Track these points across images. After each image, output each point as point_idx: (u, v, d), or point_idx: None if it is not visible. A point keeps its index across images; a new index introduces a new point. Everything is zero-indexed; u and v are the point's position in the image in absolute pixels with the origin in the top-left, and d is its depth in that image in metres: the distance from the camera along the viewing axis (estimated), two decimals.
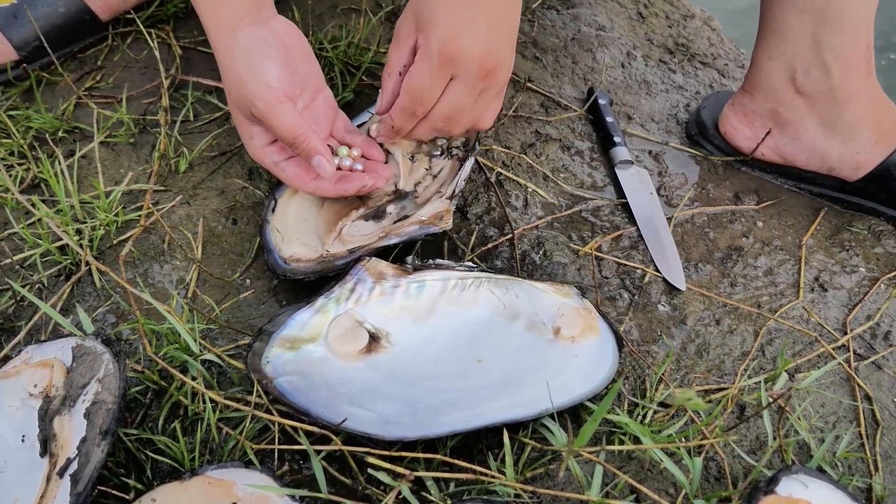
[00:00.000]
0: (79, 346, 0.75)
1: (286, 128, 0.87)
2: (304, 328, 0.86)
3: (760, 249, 1.09)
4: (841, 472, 0.86)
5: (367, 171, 0.95)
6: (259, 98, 0.86)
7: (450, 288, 0.91)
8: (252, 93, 0.87)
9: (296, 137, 0.87)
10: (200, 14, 0.90)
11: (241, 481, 0.69)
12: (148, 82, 1.18)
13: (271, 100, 0.86)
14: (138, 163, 1.07)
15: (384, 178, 0.94)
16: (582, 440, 0.71)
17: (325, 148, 0.90)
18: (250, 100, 0.87)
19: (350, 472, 0.79)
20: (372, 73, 1.23)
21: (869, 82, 1.07)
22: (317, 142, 0.89)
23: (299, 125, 0.87)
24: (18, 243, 0.97)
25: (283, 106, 0.87)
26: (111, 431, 0.68)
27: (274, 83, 0.88)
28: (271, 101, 0.86)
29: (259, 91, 0.87)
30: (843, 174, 1.13)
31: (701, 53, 1.45)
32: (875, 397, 0.94)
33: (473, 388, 0.83)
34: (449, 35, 0.81)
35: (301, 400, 0.78)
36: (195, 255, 0.97)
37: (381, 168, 0.96)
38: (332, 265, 0.90)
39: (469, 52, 0.82)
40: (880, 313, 1.03)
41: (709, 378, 0.93)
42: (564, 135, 1.21)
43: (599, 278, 1.01)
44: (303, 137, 0.88)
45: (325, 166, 0.89)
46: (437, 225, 0.92)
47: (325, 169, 0.89)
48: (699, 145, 1.24)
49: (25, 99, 1.15)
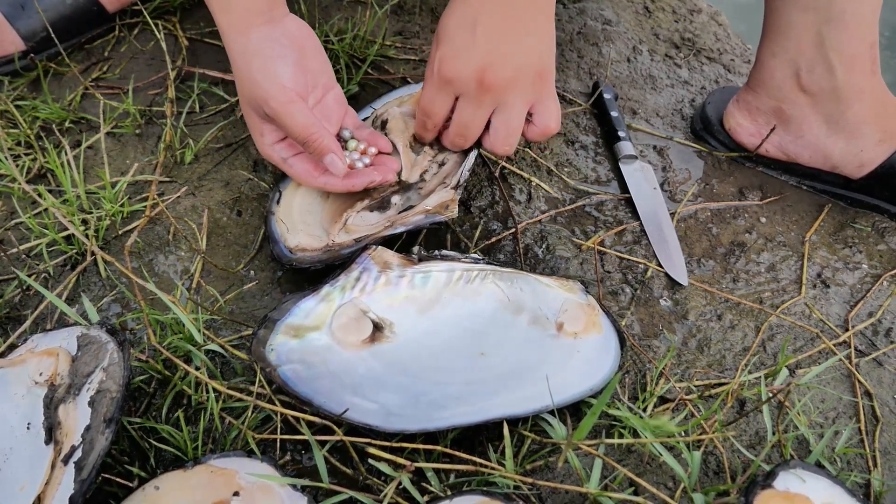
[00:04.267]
0: (84, 335, 0.75)
1: (300, 127, 0.88)
2: (308, 316, 0.86)
3: (763, 245, 1.09)
4: (839, 468, 0.86)
5: (375, 165, 0.96)
6: (273, 98, 0.88)
7: (455, 279, 0.91)
8: (266, 92, 0.88)
9: (308, 136, 0.89)
10: (214, 14, 0.91)
11: (243, 470, 0.70)
12: (154, 73, 1.19)
13: (285, 100, 0.88)
14: (144, 154, 1.08)
15: (392, 172, 0.95)
16: (581, 433, 0.71)
17: (337, 146, 0.91)
18: (264, 100, 0.88)
19: (351, 462, 0.79)
20: (377, 66, 1.23)
21: (873, 80, 1.06)
22: (329, 140, 0.90)
23: (312, 124, 0.89)
24: (25, 233, 0.98)
25: (295, 106, 0.88)
26: (115, 420, 0.68)
27: (287, 83, 0.89)
28: (285, 101, 0.88)
29: (273, 91, 0.88)
30: (846, 172, 1.13)
31: (707, 48, 1.44)
32: (875, 394, 0.94)
33: (475, 381, 0.84)
34: (449, 55, 0.87)
35: (304, 389, 0.79)
36: (200, 246, 0.98)
37: (389, 161, 0.97)
38: (338, 254, 0.91)
39: (465, 71, 0.86)
40: (882, 310, 1.03)
41: (709, 373, 0.94)
42: (569, 129, 1.21)
43: (602, 273, 1.02)
44: (315, 136, 0.89)
45: (337, 164, 0.90)
46: (442, 214, 0.92)
47: (336, 167, 0.91)
48: (704, 141, 1.24)
49: (32, 89, 1.15)
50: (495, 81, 0.86)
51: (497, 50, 0.85)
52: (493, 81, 0.86)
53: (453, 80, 0.87)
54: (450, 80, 0.88)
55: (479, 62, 0.85)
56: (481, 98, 0.88)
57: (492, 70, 0.86)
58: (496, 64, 0.86)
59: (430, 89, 0.91)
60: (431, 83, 0.90)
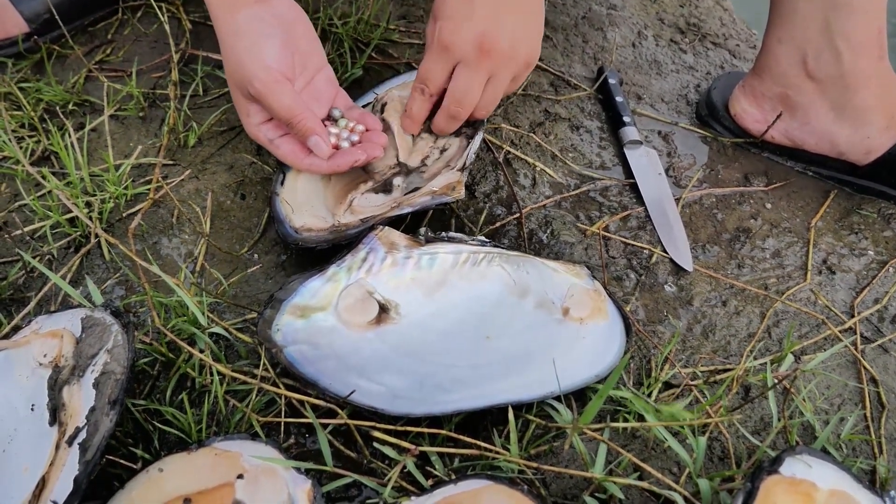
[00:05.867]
0: (88, 316, 0.75)
1: (284, 108, 0.90)
2: (314, 296, 0.86)
3: (769, 231, 1.09)
4: (845, 454, 0.86)
5: (362, 144, 0.96)
6: (257, 78, 0.89)
7: (461, 262, 0.91)
8: (250, 73, 0.89)
9: (292, 117, 0.90)
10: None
11: (247, 453, 0.70)
12: (158, 56, 1.18)
13: (269, 80, 0.89)
14: (148, 136, 1.07)
15: (379, 147, 0.95)
16: (586, 418, 0.71)
17: (321, 128, 0.92)
18: (248, 79, 0.89)
19: (355, 445, 0.79)
20: (381, 50, 1.23)
21: (881, 66, 1.06)
22: (313, 122, 0.91)
23: (296, 105, 0.90)
24: (29, 215, 0.98)
25: (280, 86, 0.89)
26: (120, 401, 0.68)
27: (272, 64, 0.90)
28: (269, 81, 0.89)
29: (257, 71, 0.89)
30: (853, 158, 1.12)
31: (712, 34, 1.44)
32: (881, 380, 0.94)
33: (480, 365, 0.83)
34: (449, 26, 0.89)
35: (309, 370, 0.79)
36: (204, 229, 0.98)
37: (375, 137, 0.97)
38: (344, 234, 0.91)
39: (464, 37, 0.88)
40: (888, 296, 1.03)
41: (714, 359, 0.93)
42: (574, 114, 1.20)
43: (606, 258, 1.01)
44: (299, 118, 0.90)
45: (321, 146, 0.92)
46: (449, 195, 0.92)
47: (320, 149, 0.92)
48: (709, 126, 1.23)
49: (36, 71, 1.15)
50: (494, 47, 0.88)
51: (496, 20, 0.88)
52: (492, 47, 0.88)
53: (453, 46, 0.89)
54: (449, 45, 0.89)
55: (478, 28, 0.88)
56: (480, 63, 0.90)
57: (490, 36, 0.88)
58: (494, 32, 0.88)
59: (429, 57, 0.92)
60: (431, 52, 0.92)
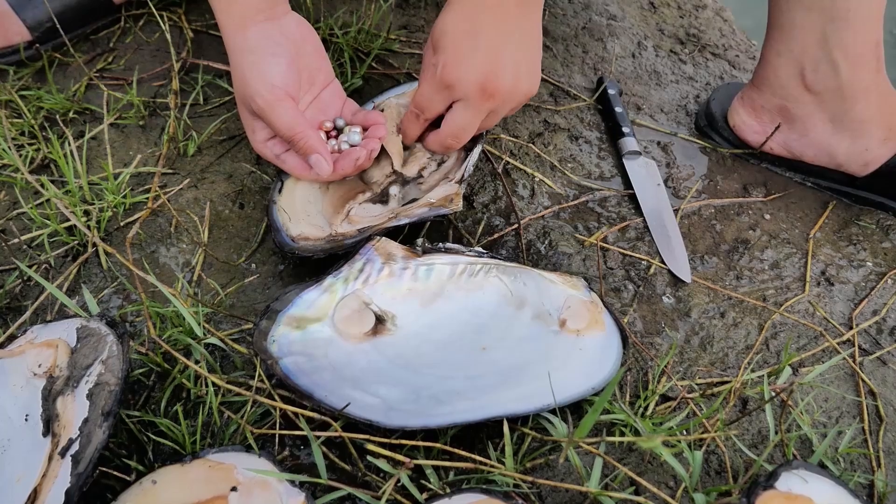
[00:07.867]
0: (83, 327, 0.75)
1: (285, 126, 0.91)
2: (311, 307, 0.86)
3: (767, 242, 1.09)
4: (843, 468, 0.86)
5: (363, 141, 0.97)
6: (259, 95, 0.90)
7: (458, 273, 0.91)
8: (253, 90, 0.90)
9: (293, 136, 0.91)
10: (214, 9, 0.92)
11: (241, 465, 0.70)
12: (159, 65, 1.18)
13: (271, 98, 0.90)
14: (147, 145, 1.08)
15: (376, 140, 0.96)
16: (582, 431, 0.71)
17: (322, 145, 0.93)
18: (251, 96, 0.90)
19: (350, 458, 0.79)
20: (382, 60, 1.23)
21: (879, 79, 1.06)
22: (314, 140, 0.92)
23: (297, 124, 0.91)
24: (27, 223, 0.98)
25: (282, 104, 0.90)
26: (113, 413, 0.68)
27: (276, 81, 0.90)
28: (271, 99, 0.90)
29: (260, 89, 0.90)
30: (851, 170, 1.12)
31: (712, 44, 1.44)
32: (879, 393, 0.94)
33: (477, 376, 0.83)
34: (451, 62, 0.87)
35: (305, 382, 0.78)
36: (201, 239, 0.98)
37: (375, 131, 0.97)
38: (342, 244, 0.91)
39: (467, 78, 0.87)
40: (887, 308, 1.03)
41: (712, 371, 0.93)
42: (573, 124, 1.20)
43: (604, 269, 1.01)
44: (300, 136, 0.91)
45: (322, 164, 0.93)
46: (446, 207, 0.92)
47: (321, 167, 0.93)
48: (708, 137, 1.23)
49: (37, 79, 1.15)
50: (498, 89, 0.87)
51: (499, 55, 0.86)
52: (495, 89, 0.87)
53: (455, 86, 0.88)
54: (451, 84, 0.88)
55: (482, 69, 0.86)
56: (482, 105, 0.89)
57: (494, 77, 0.87)
58: (498, 71, 0.87)
59: (428, 90, 0.92)
60: (430, 85, 0.91)
